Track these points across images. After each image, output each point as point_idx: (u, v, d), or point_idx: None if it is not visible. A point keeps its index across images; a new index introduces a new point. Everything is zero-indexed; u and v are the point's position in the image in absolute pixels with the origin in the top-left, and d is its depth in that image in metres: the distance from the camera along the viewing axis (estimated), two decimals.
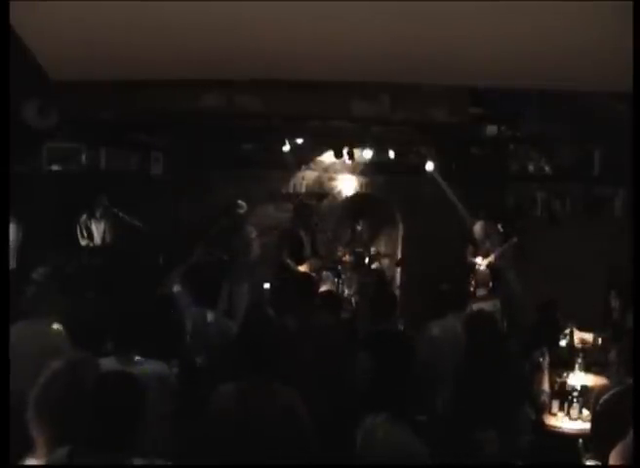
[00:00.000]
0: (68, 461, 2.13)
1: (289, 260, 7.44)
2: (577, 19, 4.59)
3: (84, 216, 7.84)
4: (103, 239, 7.93)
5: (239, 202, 7.67)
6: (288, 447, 3.08)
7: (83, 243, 7.84)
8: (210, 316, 4.51)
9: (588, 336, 5.92)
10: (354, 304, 7.89)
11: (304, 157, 9.00)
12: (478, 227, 7.93)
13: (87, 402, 2.23)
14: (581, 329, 5.99)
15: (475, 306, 6.31)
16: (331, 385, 3.96)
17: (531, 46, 4.96)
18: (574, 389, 4.39)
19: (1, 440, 2.38)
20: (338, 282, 8.08)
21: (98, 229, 7.90)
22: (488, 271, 7.72)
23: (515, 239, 7.76)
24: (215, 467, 3.09)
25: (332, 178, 9.22)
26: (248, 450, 3.05)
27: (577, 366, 4.92)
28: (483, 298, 7.01)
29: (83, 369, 2.42)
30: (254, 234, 7.75)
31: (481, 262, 7.80)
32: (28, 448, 2.25)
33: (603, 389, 3.39)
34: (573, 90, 5.74)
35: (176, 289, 4.86)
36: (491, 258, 7.79)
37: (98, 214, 7.85)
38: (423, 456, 2.85)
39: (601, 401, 3.20)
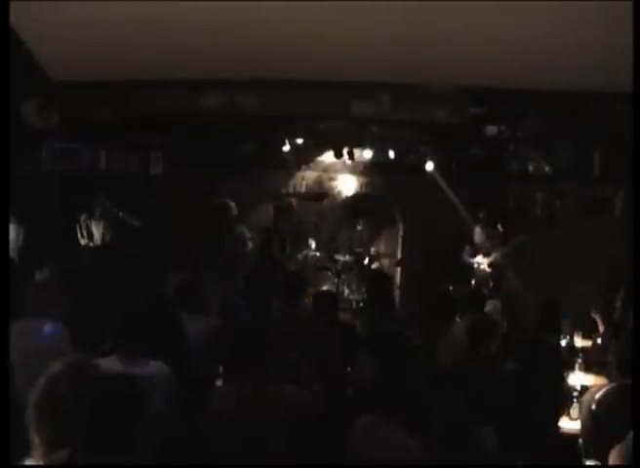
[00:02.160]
0: (69, 463, 2.13)
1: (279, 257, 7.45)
2: (576, 20, 4.60)
3: (84, 216, 7.83)
4: (103, 239, 7.93)
5: (228, 202, 7.67)
6: (287, 447, 3.09)
7: (83, 243, 7.84)
8: (207, 317, 4.52)
9: (588, 336, 5.91)
10: (354, 304, 7.90)
11: (304, 157, 8.99)
12: (478, 231, 7.91)
13: (87, 404, 2.22)
14: (581, 328, 5.99)
15: (473, 306, 6.30)
16: (330, 385, 3.95)
17: (531, 46, 4.96)
18: (574, 389, 4.39)
19: (1, 440, 2.38)
20: (337, 282, 8.09)
21: (97, 229, 7.89)
22: (488, 271, 7.71)
23: (521, 238, 7.67)
24: (215, 467, 3.09)
25: (332, 178, 9.21)
26: (247, 450, 3.05)
27: (577, 366, 4.92)
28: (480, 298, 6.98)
29: (82, 370, 2.41)
30: (247, 233, 7.75)
31: (482, 261, 7.78)
32: (28, 449, 2.25)
33: (597, 389, 3.39)
34: (573, 90, 5.75)
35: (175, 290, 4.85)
36: (493, 257, 7.76)
37: (97, 214, 7.85)
38: (422, 456, 2.85)
39: (596, 398, 3.21)
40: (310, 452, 3.15)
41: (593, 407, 3.22)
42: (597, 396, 3.23)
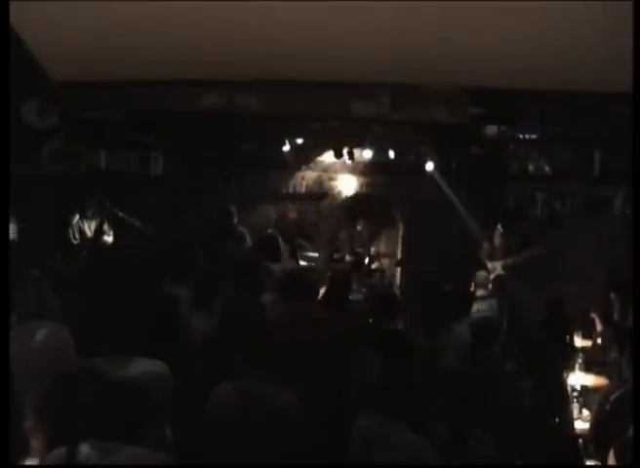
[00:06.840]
0: (68, 461, 2.13)
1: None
2: (576, 19, 4.60)
3: (83, 216, 7.83)
4: (102, 239, 7.92)
5: (231, 208, 7.66)
6: (287, 447, 3.08)
7: (82, 243, 7.83)
8: (208, 317, 4.52)
9: (588, 336, 5.92)
10: (354, 304, 7.89)
11: (304, 157, 8.99)
12: (498, 233, 7.86)
13: (89, 406, 2.22)
14: (582, 328, 6.00)
15: (473, 306, 6.32)
16: (330, 385, 3.95)
17: (531, 46, 4.96)
18: (574, 389, 4.40)
19: (1, 440, 2.38)
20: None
21: (97, 229, 7.89)
22: (487, 273, 7.69)
23: (536, 251, 7.61)
24: (215, 467, 3.09)
25: (332, 178, 9.21)
26: (247, 450, 3.05)
27: (577, 366, 4.93)
28: (481, 298, 6.99)
29: (86, 376, 2.41)
30: (248, 237, 7.75)
31: (496, 264, 7.72)
32: (28, 449, 2.25)
33: (608, 389, 3.39)
34: (573, 90, 5.75)
35: (174, 290, 4.84)
36: (505, 262, 7.69)
37: (96, 215, 7.85)
38: (421, 456, 2.85)
39: (610, 399, 3.20)
40: (311, 452, 3.15)
41: (607, 408, 3.22)
42: (613, 397, 3.23)
